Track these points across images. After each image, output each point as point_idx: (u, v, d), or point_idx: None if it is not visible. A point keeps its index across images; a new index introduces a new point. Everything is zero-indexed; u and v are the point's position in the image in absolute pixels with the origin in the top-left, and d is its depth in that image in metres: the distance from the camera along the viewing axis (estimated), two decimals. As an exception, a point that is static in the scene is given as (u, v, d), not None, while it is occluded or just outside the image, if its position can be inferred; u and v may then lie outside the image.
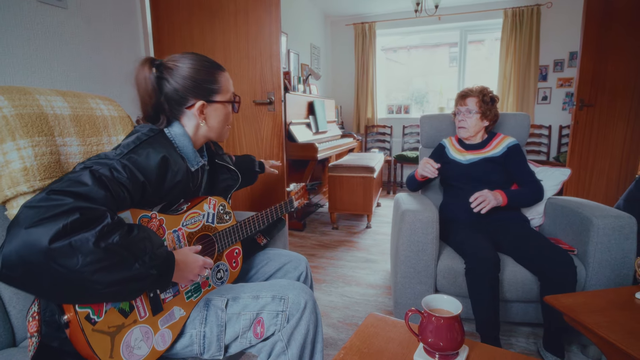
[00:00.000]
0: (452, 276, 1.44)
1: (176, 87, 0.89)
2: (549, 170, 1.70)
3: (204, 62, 0.94)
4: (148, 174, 0.78)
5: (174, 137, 0.91)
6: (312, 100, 3.62)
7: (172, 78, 0.89)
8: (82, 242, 0.58)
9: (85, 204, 0.61)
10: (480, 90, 1.69)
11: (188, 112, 0.93)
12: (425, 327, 0.71)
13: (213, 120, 0.97)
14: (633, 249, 1.31)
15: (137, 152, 0.78)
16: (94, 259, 0.59)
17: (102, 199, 0.65)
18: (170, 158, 0.83)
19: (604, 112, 3.10)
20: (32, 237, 0.55)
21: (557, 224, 1.58)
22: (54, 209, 0.58)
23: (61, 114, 1.09)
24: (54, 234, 0.56)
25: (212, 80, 0.94)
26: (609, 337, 0.85)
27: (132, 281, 0.65)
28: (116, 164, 0.73)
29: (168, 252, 0.74)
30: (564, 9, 4.07)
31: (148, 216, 0.80)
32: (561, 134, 4.31)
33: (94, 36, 1.85)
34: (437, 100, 5.27)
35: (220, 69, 0.98)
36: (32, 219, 0.56)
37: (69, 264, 0.57)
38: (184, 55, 0.93)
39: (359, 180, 3.10)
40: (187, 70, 0.90)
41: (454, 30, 4.77)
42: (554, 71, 4.26)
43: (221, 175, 1.13)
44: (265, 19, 1.84)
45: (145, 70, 0.87)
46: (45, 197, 0.60)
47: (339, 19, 5.12)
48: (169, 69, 0.90)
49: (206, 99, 0.93)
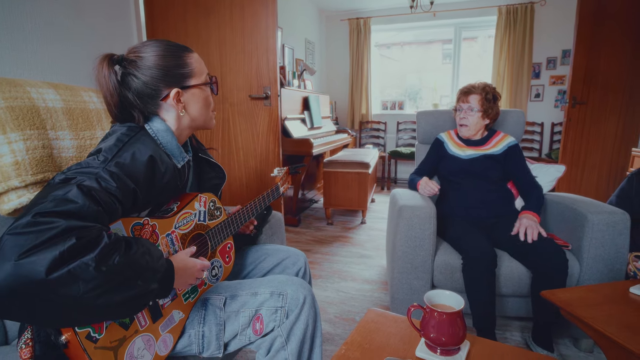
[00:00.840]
0: (449, 271, 1.44)
1: (145, 80, 0.81)
2: (544, 167, 1.72)
3: (168, 46, 0.85)
4: (137, 179, 0.73)
5: (157, 134, 0.85)
6: (307, 96, 3.60)
7: (138, 71, 0.81)
8: (82, 268, 0.53)
9: (78, 224, 0.56)
10: (483, 88, 1.66)
11: (164, 104, 0.86)
12: (427, 323, 0.71)
13: (193, 107, 0.89)
14: (626, 244, 1.33)
15: (121, 156, 0.72)
16: (96, 284, 0.54)
17: (94, 215, 0.60)
18: (157, 157, 0.78)
19: (596, 109, 3.14)
20: (24, 270, 0.49)
21: (552, 220, 1.59)
22: (44, 234, 0.52)
23: (53, 107, 1.06)
24: (50, 264, 0.50)
25: (181, 64, 0.85)
26: (605, 331, 0.86)
27: (136, 299, 0.62)
28: (103, 173, 0.67)
29: (168, 262, 0.71)
30: (558, 6, 4.10)
31: (140, 223, 0.75)
32: (553, 131, 4.36)
33: (87, 31, 1.81)
34: (430, 96, 5.29)
35: (187, 50, 0.88)
36: (21, 248, 0.50)
37: (70, 292, 0.52)
38: (145, 43, 0.85)
39: (354, 175, 3.10)
40: (152, 59, 0.82)
41: (449, 27, 4.78)
42: (547, 69, 4.30)
43: (206, 173, 1.09)
44: (261, 12, 1.82)
45: (104, 69, 0.78)
46: (31, 222, 0.53)
47: (334, 14, 5.09)
48: (132, 61, 0.82)
49: (180, 85, 0.85)
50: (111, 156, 0.72)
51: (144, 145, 0.78)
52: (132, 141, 0.77)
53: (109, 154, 0.73)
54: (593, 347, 1.46)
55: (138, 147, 0.77)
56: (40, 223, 0.53)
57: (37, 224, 0.53)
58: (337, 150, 4.18)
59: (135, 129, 0.82)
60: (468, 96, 1.67)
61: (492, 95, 1.66)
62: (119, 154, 0.73)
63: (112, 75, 0.79)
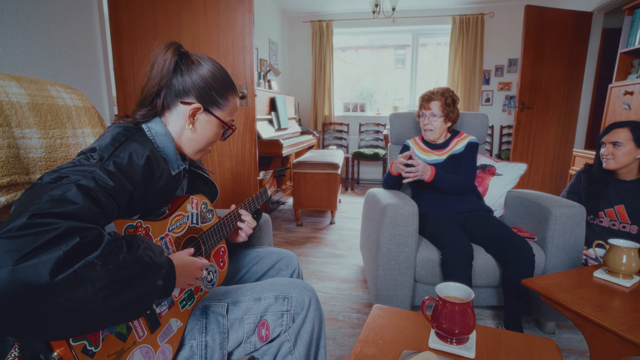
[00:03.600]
0: (430, 266, 1.51)
1: (187, 80, 0.83)
2: (508, 165, 1.86)
3: (226, 76, 0.90)
4: (134, 180, 0.69)
5: (155, 136, 0.82)
6: (274, 97, 3.56)
7: (189, 71, 0.83)
8: (88, 268, 0.49)
9: (79, 225, 0.51)
10: (442, 93, 1.76)
11: (179, 108, 0.84)
12: (440, 314, 0.74)
13: (200, 131, 0.88)
14: (582, 234, 1.48)
15: (118, 155, 0.69)
16: (104, 284, 0.50)
17: (94, 217, 0.56)
18: (154, 159, 0.75)
19: (541, 114, 3.47)
20: (25, 275, 0.44)
21: (517, 214, 1.73)
22: (44, 235, 0.47)
23: (18, 102, 0.95)
24: (54, 265, 0.46)
25: (223, 94, 0.88)
26: (582, 312, 0.95)
27: (142, 298, 0.57)
28: (100, 172, 0.63)
29: (168, 258, 0.68)
30: (504, 19, 4.47)
31: (133, 225, 0.71)
32: (502, 133, 4.73)
33: (42, 16, 1.63)
34: (383, 99, 5.51)
35: (235, 92, 0.93)
36: (19, 252, 0.45)
37: (77, 296, 0.48)
38: (211, 59, 0.89)
39: (324, 176, 3.12)
40: (207, 72, 0.85)
41: (407, 33, 5.00)
42: (495, 76, 4.67)
43: (198, 188, 1.05)
44: (237, 8, 1.76)
45: (168, 53, 0.82)
46: (28, 224, 0.48)
47: (297, 15, 5.09)
48: (190, 62, 0.84)
49: (206, 105, 0.86)
50: (107, 155, 0.68)
51: (142, 146, 0.74)
52: (129, 141, 0.73)
53: (105, 153, 0.68)
54: (555, 329, 1.60)
55: (135, 147, 0.73)
56: (38, 225, 0.48)
57: (34, 225, 0.47)
58: (303, 152, 4.18)
59: (131, 129, 0.77)
60: (429, 103, 1.77)
61: (452, 100, 1.77)
62: (115, 153, 0.69)
63: (173, 61, 0.82)
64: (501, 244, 1.48)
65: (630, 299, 1.03)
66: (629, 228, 1.58)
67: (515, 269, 1.43)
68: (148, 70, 0.85)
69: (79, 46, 1.80)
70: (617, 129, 1.60)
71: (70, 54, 1.77)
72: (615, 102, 2.70)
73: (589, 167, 1.78)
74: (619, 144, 1.57)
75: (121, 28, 1.92)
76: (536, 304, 1.55)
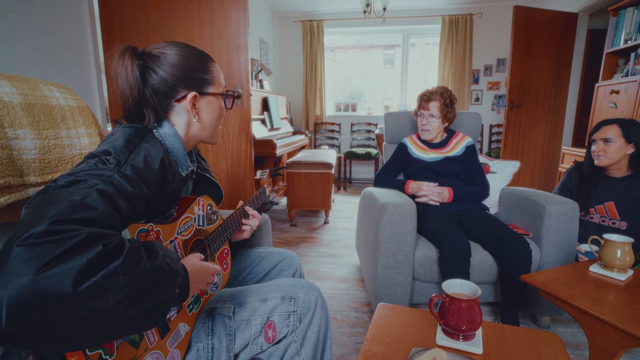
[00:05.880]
0: (428, 264, 1.52)
1: (164, 77, 0.78)
2: (502, 163, 1.89)
3: (192, 49, 0.84)
4: (150, 184, 0.68)
5: (164, 138, 0.80)
6: (267, 96, 3.54)
7: (159, 67, 0.78)
8: (110, 277, 0.47)
9: (100, 231, 0.50)
10: (441, 93, 1.77)
11: (178, 107, 0.82)
12: (447, 311, 0.74)
13: (206, 116, 0.86)
14: (576, 230, 1.51)
15: (134, 159, 0.67)
16: (126, 293, 0.48)
17: (113, 223, 0.54)
18: (167, 161, 0.73)
19: (529, 113, 3.54)
20: (46, 284, 0.42)
21: (512, 211, 1.76)
22: (65, 243, 0.45)
23: (10, 101, 0.92)
24: (77, 275, 0.44)
25: (204, 69, 0.83)
26: (581, 306, 0.97)
27: (160, 307, 0.56)
28: (118, 177, 0.62)
29: (183, 265, 0.66)
30: (492, 19, 4.54)
31: (145, 230, 0.70)
32: (491, 132, 4.81)
33: (32, 16, 1.58)
34: (373, 99, 5.54)
35: (211, 59, 0.88)
36: (40, 261, 0.43)
37: (99, 306, 0.46)
38: (170, 43, 0.82)
39: (318, 176, 3.11)
40: (176, 58, 0.79)
41: (397, 33, 5.03)
42: (484, 75, 4.74)
43: (204, 190, 1.04)
44: (232, 7, 1.74)
45: (126, 60, 0.75)
46: (48, 230, 0.45)
47: (287, 15, 5.07)
48: (154, 57, 0.79)
49: (199, 89, 0.82)
50: (124, 159, 0.66)
51: (155, 148, 0.72)
52: (143, 142, 0.71)
53: (122, 156, 0.66)
54: (550, 323, 1.63)
55: (149, 150, 0.71)
56: (58, 232, 0.46)
57: (55, 232, 0.46)
58: (296, 152, 4.17)
59: (143, 130, 0.75)
60: (428, 103, 1.78)
61: (450, 100, 1.79)
62: (131, 157, 0.67)
63: (135, 68, 0.75)
64: (499, 241, 1.50)
65: (625, 292, 1.06)
66: (619, 224, 1.62)
67: (514, 265, 1.45)
68: (114, 85, 0.78)
69: (69, 46, 1.76)
70: (606, 126, 1.64)
71: (61, 54, 1.72)
72: (602, 101, 2.77)
73: (579, 165, 1.82)
74: (610, 140, 1.60)
75: (112, 28, 1.88)
76: (531, 299, 1.57)
